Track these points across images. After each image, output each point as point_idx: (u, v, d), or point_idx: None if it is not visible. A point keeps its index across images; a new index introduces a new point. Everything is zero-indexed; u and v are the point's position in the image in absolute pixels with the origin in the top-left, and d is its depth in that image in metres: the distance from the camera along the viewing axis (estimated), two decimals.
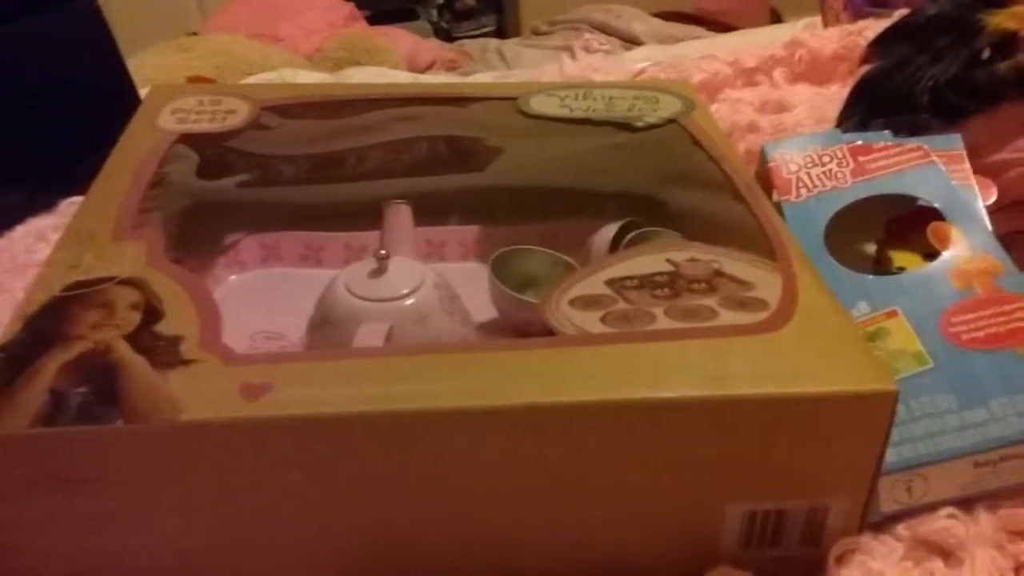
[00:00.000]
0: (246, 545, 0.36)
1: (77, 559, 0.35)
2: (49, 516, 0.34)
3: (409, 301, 0.45)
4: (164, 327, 0.37)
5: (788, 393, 0.36)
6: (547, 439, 0.35)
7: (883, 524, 0.40)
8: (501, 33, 2.29)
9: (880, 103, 0.60)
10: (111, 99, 0.64)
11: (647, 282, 0.41)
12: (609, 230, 0.53)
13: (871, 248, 0.52)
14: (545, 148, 0.57)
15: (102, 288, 0.39)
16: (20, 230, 0.58)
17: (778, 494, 0.38)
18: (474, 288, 0.51)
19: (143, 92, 0.58)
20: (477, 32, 2.30)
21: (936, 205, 0.48)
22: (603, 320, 0.39)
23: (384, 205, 0.55)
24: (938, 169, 0.50)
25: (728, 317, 0.39)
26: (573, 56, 1.39)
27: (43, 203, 0.59)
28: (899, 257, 0.50)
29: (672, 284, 0.41)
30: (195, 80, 1.01)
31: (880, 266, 0.51)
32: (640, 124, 0.55)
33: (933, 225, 0.48)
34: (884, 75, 0.61)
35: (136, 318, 0.37)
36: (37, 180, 0.58)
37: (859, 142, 0.52)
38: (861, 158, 0.51)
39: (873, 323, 0.44)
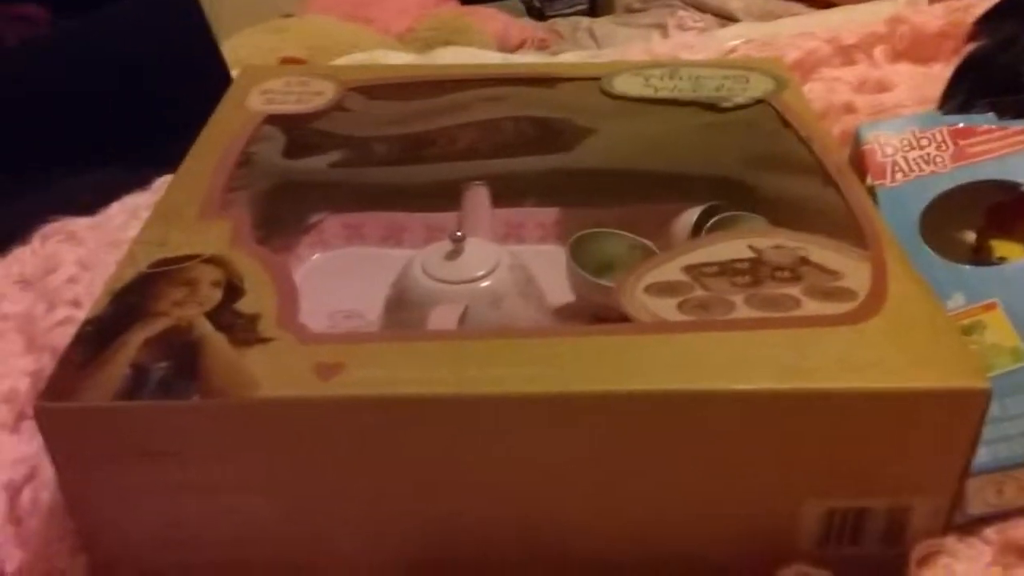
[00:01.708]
0: (316, 519, 0.37)
1: (156, 529, 0.36)
2: (130, 487, 0.35)
3: (484, 283, 0.45)
4: (244, 305, 0.38)
5: (872, 388, 0.34)
6: (619, 428, 0.35)
7: (970, 526, 0.38)
8: (594, 11, 2.26)
9: (985, 83, 0.57)
10: (204, 80, 0.66)
11: (727, 269, 0.40)
12: (691, 214, 0.51)
13: (970, 237, 0.50)
14: (629, 129, 0.56)
15: (186, 266, 0.40)
16: (115, 207, 0.59)
17: (859, 492, 0.36)
18: (552, 271, 0.50)
19: (236, 73, 0.60)
20: (570, 10, 2.27)
21: None
22: (680, 307, 0.39)
23: (463, 187, 0.55)
24: None
25: (812, 307, 0.38)
26: (666, 34, 1.37)
27: (138, 181, 0.61)
28: (1000, 246, 0.48)
29: (754, 271, 0.40)
30: (287, 61, 1.02)
31: (980, 256, 0.48)
32: (728, 104, 0.54)
33: None
34: (990, 53, 0.58)
35: (218, 296, 0.38)
36: (133, 158, 0.60)
37: (960, 124, 0.50)
38: (962, 142, 0.49)
39: (969, 316, 0.42)
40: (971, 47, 0.60)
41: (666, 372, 0.35)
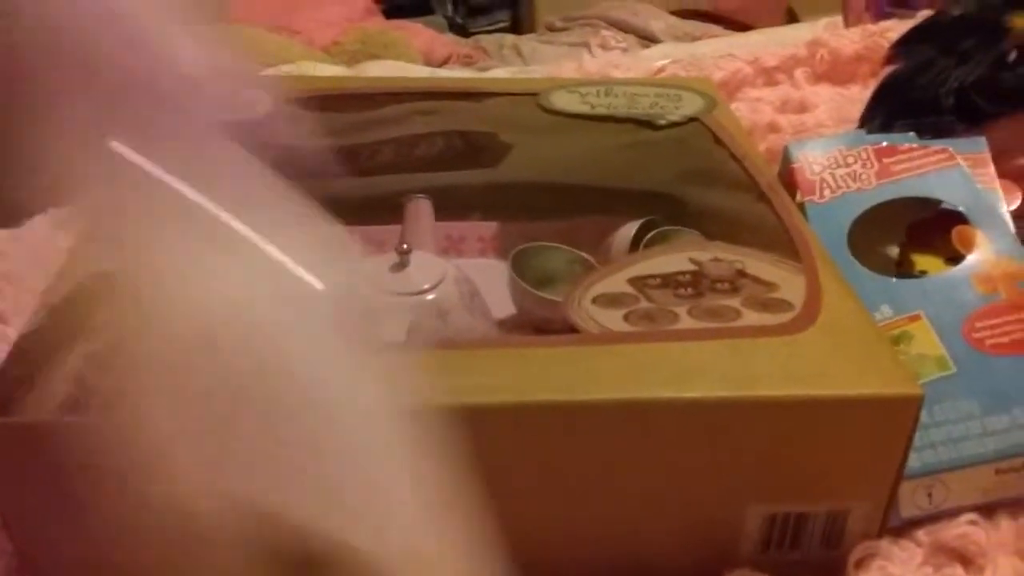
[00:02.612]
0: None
1: (96, 547, 0.35)
2: (70, 504, 0.34)
3: (430, 296, 0.45)
4: None
5: (811, 395, 0.36)
6: (567, 437, 0.35)
7: (903, 529, 0.40)
8: (516, 29, 2.28)
9: (904, 105, 0.59)
10: None
11: (670, 281, 0.41)
12: (629, 228, 0.52)
13: (894, 251, 0.52)
14: (566, 145, 0.57)
15: None
16: (38, 218, 0.57)
17: (799, 497, 0.38)
18: (493, 284, 0.50)
19: None
20: (491, 27, 2.29)
21: (960, 208, 0.48)
22: (626, 319, 0.39)
23: (405, 199, 0.54)
24: (963, 172, 0.49)
25: (752, 318, 0.39)
26: (591, 52, 1.39)
27: None
28: (921, 260, 0.50)
29: (695, 284, 0.41)
30: None
31: (902, 269, 0.50)
32: (662, 122, 0.55)
33: (957, 228, 0.47)
34: (908, 77, 0.61)
35: None
36: None
37: (884, 144, 0.52)
38: (886, 160, 0.51)
39: (896, 327, 0.44)
40: (889, 70, 0.63)
41: (613, 381, 0.36)
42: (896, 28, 0.75)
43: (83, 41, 0.23)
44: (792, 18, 1.91)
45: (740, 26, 1.61)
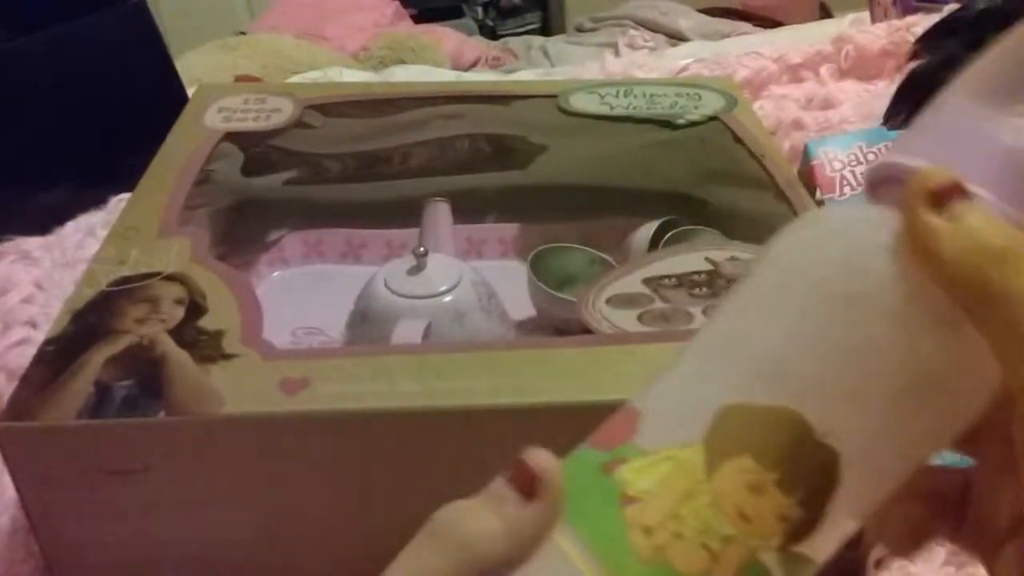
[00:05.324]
0: (284, 535, 0.37)
1: (120, 548, 0.36)
2: (95, 506, 0.35)
3: (447, 298, 0.45)
4: (207, 322, 0.38)
5: None
6: (578, 440, 0.35)
7: None
8: (546, 30, 2.28)
9: (928, 100, 0.59)
10: (159, 98, 0.65)
11: (685, 281, 0.41)
12: (648, 228, 0.52)
13: None
14: (585, 146, 0.57)
15: (148, 283, 0.40)
16: (70, 226, 0.59)
17: None
18: (513, 286, 0.51)
19: (191, 91, 0.60)
20: (522, 29, 2.29)
21: None
22: (640, 319, 0.39)
23: (423, 203, 0.55)
24: None
25: None
26: (617, 53, 1.38)
27: (93, 200, 0.60)
28: None
29: (711, 283, 0.41)
30: (242, 79, 1.02)
31: None
32: (681, 122, 0.55)
33: None
34: (933, 71, 0.60)
35: (180, 313, 0.38)
36: (86, 177, 0.59)
37: None
38: None
39: None
40: (913, 65, 0.63)
41: (628, 382, 0.35)
42: (923, 23, 0.75)
43: None
44: (826, 13, 1.89)
45: (771, 23, 1.60)
